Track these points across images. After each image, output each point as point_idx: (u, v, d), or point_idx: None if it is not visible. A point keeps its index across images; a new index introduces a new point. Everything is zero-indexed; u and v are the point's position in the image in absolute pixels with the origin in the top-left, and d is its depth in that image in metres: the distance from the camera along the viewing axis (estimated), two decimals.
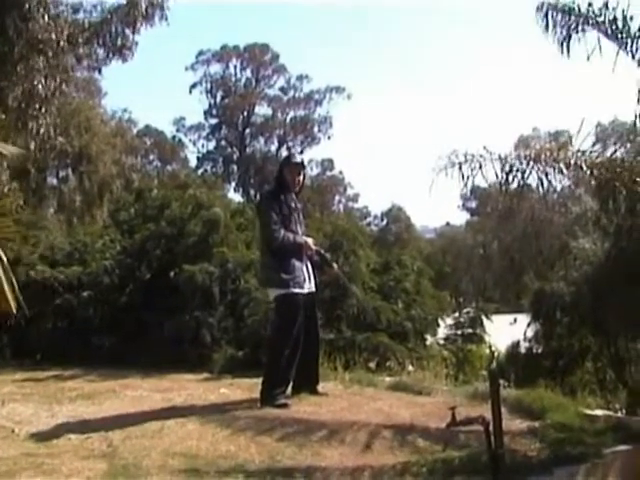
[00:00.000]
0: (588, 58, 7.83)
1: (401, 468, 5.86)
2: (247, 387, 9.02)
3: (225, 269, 12.21)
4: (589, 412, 7.73)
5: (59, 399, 8.75)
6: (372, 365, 11.82)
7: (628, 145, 8.13)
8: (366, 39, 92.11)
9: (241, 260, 12.42)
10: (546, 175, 7.33)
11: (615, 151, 7.66)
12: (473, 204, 65.86)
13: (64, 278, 13.06)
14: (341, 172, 66.25)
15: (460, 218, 71.49)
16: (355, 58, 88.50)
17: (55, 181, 30.83)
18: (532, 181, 7.48)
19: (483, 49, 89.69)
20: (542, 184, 7.41)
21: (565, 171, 7.39)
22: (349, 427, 6.97)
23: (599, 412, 7.88)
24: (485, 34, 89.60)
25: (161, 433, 6.83)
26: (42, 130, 14.94)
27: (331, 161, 65.22)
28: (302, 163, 8.80)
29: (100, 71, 17.69)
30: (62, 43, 14.59)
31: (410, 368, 11.60)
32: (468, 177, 7.33)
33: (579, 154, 7.43)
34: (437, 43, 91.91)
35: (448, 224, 70.26)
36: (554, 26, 8.14)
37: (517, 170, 7.34)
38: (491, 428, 5.29)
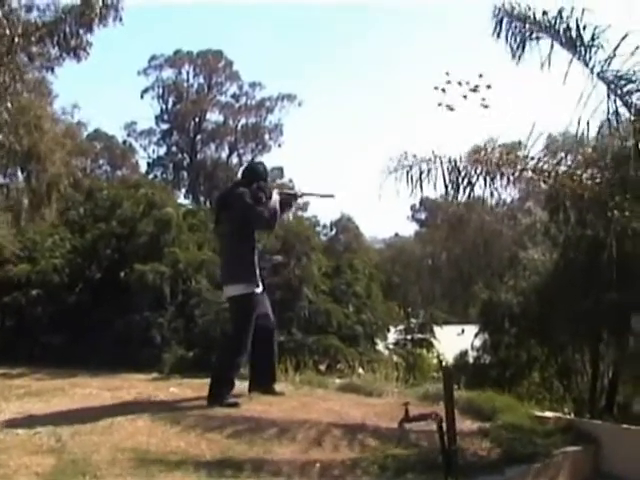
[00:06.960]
0: (542, 66, 7.84)
1: (351, 464, 5.89)
2: (197, 387, 8.95)
3: (176, 269, 12.15)
4: (539, 414, 7.83)
5: (6, 396, 8.60)
6: (322, 367, 11.85)
7: (579, 157, 8.16)
8: (319, 45, 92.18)
9: (192, 260, 12.36)
10: (494, 178, 7.33)
11: (560, 160, 7.66)
12: (422, 215, 66.41)
13: (12, 276, 12.89)
14: (291, 180, 66.20)
15: (409, 229, 72.08)
16: (307, 66, 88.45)
17: (2, 179, 30.49)
18: (481, 186, 7.45)
19: (439, 56, 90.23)
20: (490, 188, 7.40)
21: (515, 174, 7.40)
22: (300, 425, 6.99)
23: (549, 414, 7.97)
24: (442, 39, 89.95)
25: (111, 429, 6.78)
26: None
27: (281, 169, 65.31)
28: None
29: (53, 70, 17.55)
30: (16, 39, 14.44)
31: (360, 371, 11.61)
32: (417, 181, 7.32)
33: (529, 159, 7.46)
34: (391, 51, 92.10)
35: (397, 235, 70.77)
36: (509, 33, 8.12)
37: (467, 174, 7.32)
38: (444, 425, 5.32)
